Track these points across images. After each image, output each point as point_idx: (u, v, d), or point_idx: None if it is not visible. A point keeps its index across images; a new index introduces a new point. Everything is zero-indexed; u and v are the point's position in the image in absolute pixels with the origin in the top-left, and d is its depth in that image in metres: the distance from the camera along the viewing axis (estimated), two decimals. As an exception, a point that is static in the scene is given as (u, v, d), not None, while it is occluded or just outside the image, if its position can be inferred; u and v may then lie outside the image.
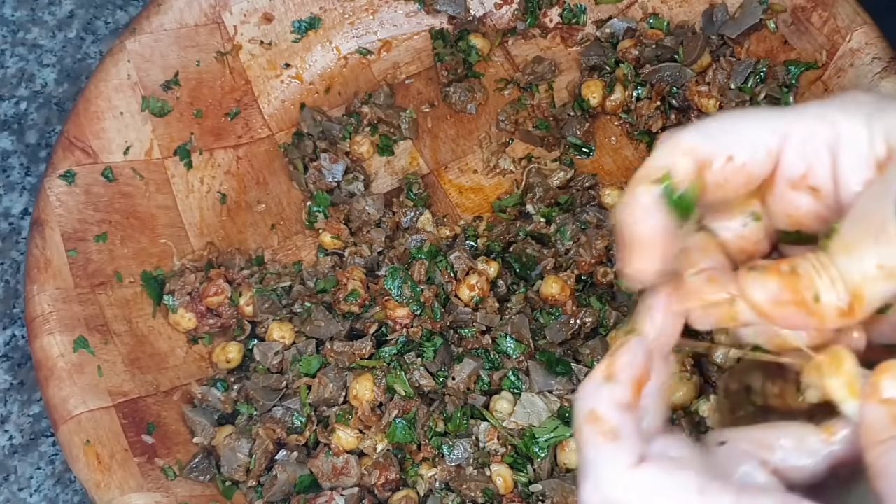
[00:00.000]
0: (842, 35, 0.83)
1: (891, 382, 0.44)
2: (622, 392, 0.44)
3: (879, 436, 0.43)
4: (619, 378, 0.45)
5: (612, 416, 0.44)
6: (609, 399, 0.44)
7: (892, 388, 0.44)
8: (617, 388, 0.44)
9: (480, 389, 0.77)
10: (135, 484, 0.72)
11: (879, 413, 0.43)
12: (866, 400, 0.44)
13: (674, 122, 0.89)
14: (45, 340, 0.76)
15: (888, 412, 0.43)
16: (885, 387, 0.44)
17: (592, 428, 0.44)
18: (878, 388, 0.44)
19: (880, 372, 0.44)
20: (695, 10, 0.91)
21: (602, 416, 0.44)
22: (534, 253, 0.82)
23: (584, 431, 0.44)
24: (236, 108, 0.91)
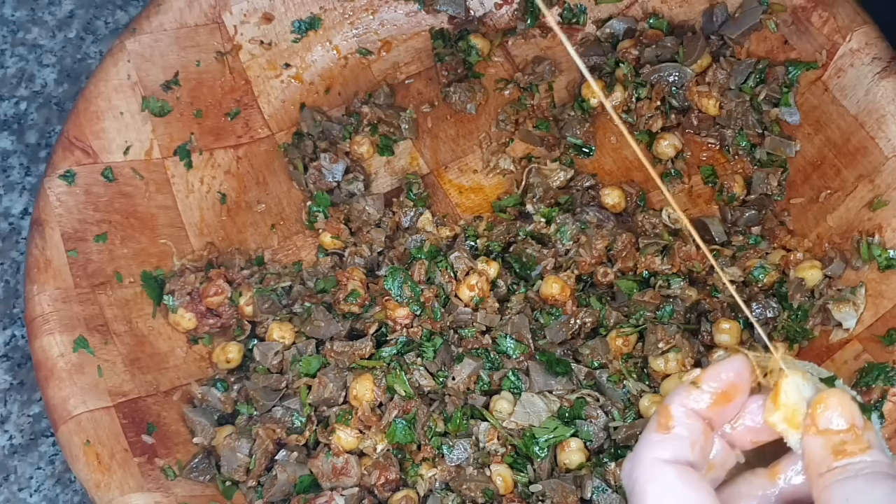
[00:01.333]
0: (842, 35, 0.83)
1: (825, 413, 0.45)
2: (697, 398, 0.46)
3: (819, 468, 0.44)
4: (702, 385, 0.47)
5: (677, 413, 0.46)
6: (682, 400, 0.46)
7: (827, 419, 0.45)
8: (694, 393, 0.46)
9: (480, 389, 0.77)
10: (135, 484, 0.72)
11: (817, 444, 0.45)
12: (805, 432, 0.45)
13: (674, 122, 0.89)
14: (45, 340, 0.76)
15: (825, 443, 0.44)
16: (821, 418, 0.45)
17: (657, 417, 0.46)
18: (814, 420, 0.45)
19: (816, 403, 0.45)
20: (695, 10, 0.91)
21: (669, 411, 0.46)
22: (534, 253, 0.82)
23: (652, 417, 0.47)
24: (236, 108, 0.91)
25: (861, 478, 0.43)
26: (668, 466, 0.44)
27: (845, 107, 0.82)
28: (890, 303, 0.76)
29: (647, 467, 0.45)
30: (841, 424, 0.45)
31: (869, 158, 0.80)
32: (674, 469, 0.44)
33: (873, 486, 0.42)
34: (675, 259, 0.81)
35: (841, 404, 0.45)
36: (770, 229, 0.84)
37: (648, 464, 0.45)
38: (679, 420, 0.46)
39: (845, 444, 0.44)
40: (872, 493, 0.42)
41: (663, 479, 0.44)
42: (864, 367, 0.74)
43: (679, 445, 0.45)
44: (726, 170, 0.88)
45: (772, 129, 0.86)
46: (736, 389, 0.47)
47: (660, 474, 0.44)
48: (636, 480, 0.45)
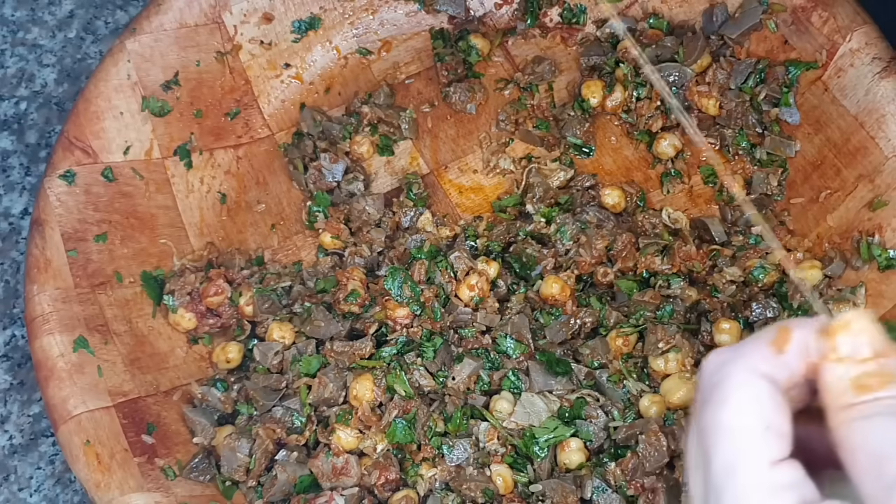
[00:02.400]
0: (842, 35, 0.83)
1: (848, 338, 0.43)
2: (819, 347, 0.43)
3: (839, 401, 0.42)
4: (833, 342, 0.43)
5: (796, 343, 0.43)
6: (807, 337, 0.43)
7: (850, 345, 0.43)
8: (821, 342, 0.43)
9: (480, 389, 0.77)
10: (135, 484, 0.72)
11: (837, 374, 0.42)
12: (824, 359, 0.43)
13: (673, 121, 0.89)
14: (45, 340, 0.76)
15: (845, 373, 0.42)
16: (843, 343, 0.43)
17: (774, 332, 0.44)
18: (835, 345, 0.43)
19: (838, 326, 0.43)
20: (695, 10, 0.91)
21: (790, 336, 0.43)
22: (534, 253, 0.82)
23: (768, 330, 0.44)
24: (236, 108, 0.91)
25: (882, 417, 0.41)
26: (766, 381, 0.42)
27: (845, 107, 0.82)
28: (890, 303, 0.76)
29: (746, 372, 0.42)
30: (864, 352, 0.42)
31: (869, 158, 0.80)
32: (770, 386, 0.42)
33: (894, 428, 0.40)
34: (675, 259, 0.81)
35: (865, 328, 0.43)
36: (770, 229, 0.84)
37: (748, 370, 0.42)
38: (794, 349, 0.43)
39: (869, 377, 0.41)
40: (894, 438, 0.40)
41: (757, 391, 0.42)
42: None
43: (780, 370, 0.43)
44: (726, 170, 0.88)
45: (772, 129, 0.86)
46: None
47: (756, 385, 0.42)
48: (727, 375, 0.42)
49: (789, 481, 0.41)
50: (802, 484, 0.41)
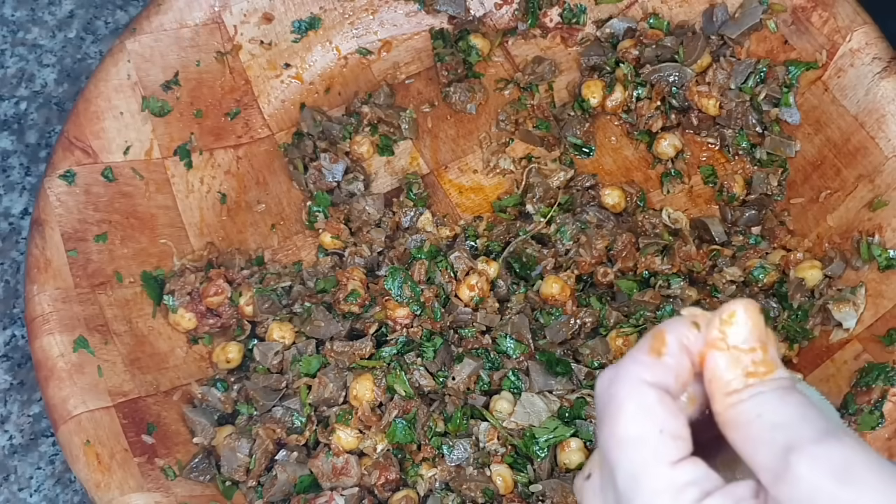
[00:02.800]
0: (842, 35, 0.83)
1: (736, 329, 0.44)
2: (694, 339, 0.44)
3: (727, 387, 0.43)
4: (702, 330, 0.44)
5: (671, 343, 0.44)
6: (680, 333, 0.44)
7: (738, 336, 0.44)
8: (693, 333, 0.45)
9: (480, 389, 0.77)
10: (135, 484, 0.72)
11: (724, 361, 0.44)
12: (711, 347, 0.44)
13: (674, 122, 0.89)
14: (45, 340, 0.76)
15: (733, 361, 0.43)
16: (732, 333, 0.44)
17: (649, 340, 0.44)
18: (724, 334, 0.44)
19: (728, 316, 0.44)
20: (695, 10, 0.91)
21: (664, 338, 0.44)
22: (534, 253, 0.82)
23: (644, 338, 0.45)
24: (236, 108, 0.91)
25: (770, 393, 0.43)
26: (652, 389, 0.43)
27: (845, 107, 0.82)
28: (890, 303, 0.76)
29: (631, 384, 0.43)
30: (752, 342, 0.43)
31: (869, 158, 0.80)
32: (656, 392, 0.43)
33: (785, 400, 0.42)
34: (675, 259, 0.81)
35: (752, 320, 0.44)
36: (770, 229, 0.84)
37: (632, 382, 0.43)
38: (671, 350, 0.44)
39: (756, 365, 0.43)
40: (785, 408, 0.42)
41: (645, 399, 0.43)
42: (864, 367, 0.74)
43: (665, 373, 0.44)
44: (726, 170, 0.88)
45: (772, 129, 0.86)
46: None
47: (642, 394, 0.43)
48: (615, 394, 0.43)
49: (691, 478, 0.42)
50: (704, 478, 0.42)
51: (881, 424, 0.71)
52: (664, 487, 0.42)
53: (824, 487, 0.39)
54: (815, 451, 0.40)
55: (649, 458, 0.42)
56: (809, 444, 0.40)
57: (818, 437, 0.40)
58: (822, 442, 0.40)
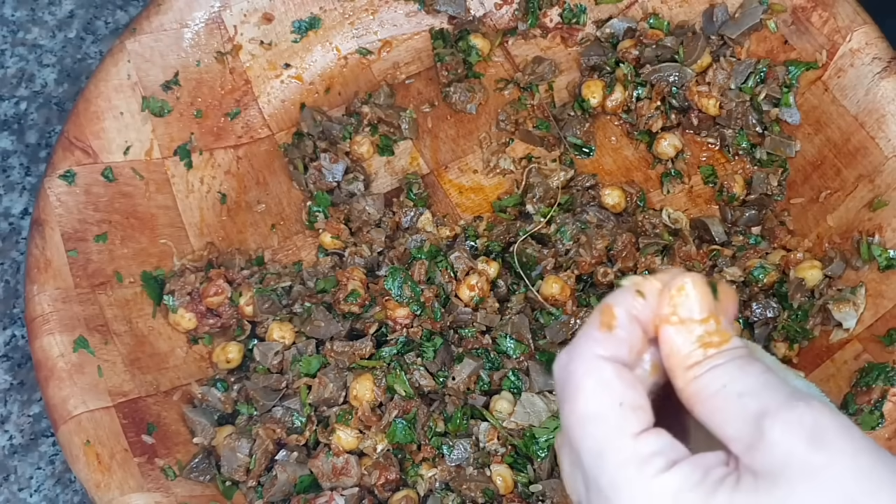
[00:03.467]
0: (842, 35, 0.83)
1: (686, 302, 0.44)
2: (641, 307, 0.45)
3: (686, 361, 0.44)
4: (647, 298, 0.45)
5: (620, 315, 0.44)
6: (627, 304, 0.45)
7: (688, 309, 0.44)
8: (639, 301, 0.45)
9: (480, 389, 0.77)
10: (135, 484, 0.72)
11: (680, 336, 0.44)
12: (664, 322, 0.44)
13: (674, 122, 0.89)
14: (45, 340, 0.76)
15: (688, 334, 0.44)
16: (682, 307, 0.44)
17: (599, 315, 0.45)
18: (675, 308, 0.44)
19: (677, 289, 0.44)
20: (695, 10, 0.91)
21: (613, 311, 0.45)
22: (534, 253, 0.82)
23: (594, 313, 0.45)
24: (236, 108, 0.91)
25: (730, 363, 0.43)
26: (607, 363, 0.44)
27: (845, 107, 0.82)
28: (890, 303, 0.76)
29: (586, 361, 0.44)
30: (703, 313, 0.44)
31: (869, 158, 0.80)
32: (612, 366, 0.43)
33: (746, 370, 0.42)
34: (675, 259, 0.81)
35: (700, 291, 0.44)
36: (770, 229, 0.84)
37: (588, 358, 0.44)
38: (621, 322, 0.44)
39: (711, 335, 0.43)
40: (749, 378, 0.42)
41: (601, 375, 0.43)
42: (865, 367, 0.74)
43: (619, 345, 0.44)
44: (726, 170, 0.88)
45: (772, 129, 0.86)
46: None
47: (598, 369, 0.43)
48: (572, 372, 0.44)
49: (655, 448, 0.42)
50: (669, 447, 0.42)
51: (881, 424, 0.71)
52: (628, 459, 0.42)
53: (797, 452, 0.39)
54: (787, 416, 0.40)
55: (611, 433, 0.42)
56: (781, 410, 0.40)
57: (788, 402, 0.40)
58: (793, 407, 0.40)
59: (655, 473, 0.41)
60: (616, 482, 0.42)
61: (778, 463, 0.39)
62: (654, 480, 0.41)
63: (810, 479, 0.39)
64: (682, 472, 0.41)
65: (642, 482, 0.41)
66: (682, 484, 0.41)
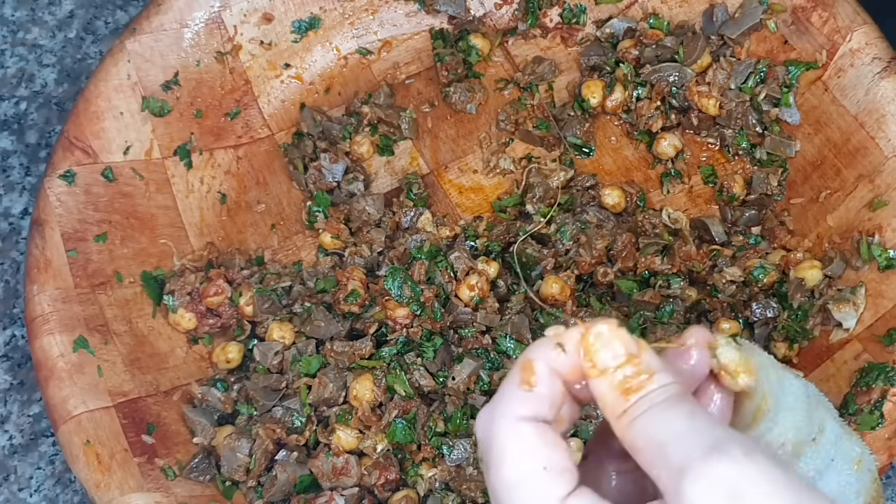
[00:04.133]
0: (842, 35, 0.83)
1: (600, 352, 0.43)
2: (563, 362, 0.44)
3: (615, 411, 0.43)
4: (567, 351, 0.44)
5: (540, 371, 0.44)
6: (548, 359, 0.44)
7: (603, 358, 0.43)
8: (561, 356, 0.44)
9: (480, 389, 0.77)
10: (134, 484, 0.72)
11: (604, 387, 0.43)
12: (587, 377, 0.43)
13: (674, 122, 0.89)
14: (45, 340, 0.76)
15: (610, 384, 0.43)
16: (598, 357, 0.43)
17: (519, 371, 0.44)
18: (592, 360, 0.43)
19: (587, 342, 0.43)
20: (695, 10, 0.91)
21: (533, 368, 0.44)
22: (534, 253, 0.82)
23: (513, 370, 0.44)
24: (236, 108, 0.91)
25: (654, 409, 0.42)
26: (529, 424, 0.43)
27: (845, 107, 0.82)
28: (890, 303, 0.76)
29: (508, 425, 0.43)
30: (619, 357, 0.43)
31: (869, 158, 0.80)
32: (533, 428, 0.43)
33: (669, 415, 0.41)
34: (675, 259, 0.81)
35: (610, 334, 0.43)
36: (770, 229, 0.84)
37: (508, 421, 0.43)
38: (542, 378, 0.43)
39: (629, 380, 0.42)
40: (672, 424, 0.41)
41: (522, 437, 0.42)
42: (864, 367, 0.74)
43: (540, 404, 0.43)
44: (726, 170, 0.88)
45: (772, 129, 0.86)
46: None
47: (520, 432, 0.42)
48: (495, 435, 0.43)
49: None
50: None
51: (881, 424, 0.71)
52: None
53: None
54: (702, 471, 0.39)
55: (537, 500, 0.42)
56: (697, 463, 0.39)
57: (704, 455, 0.39)
58: (708, 460, 0.39)
59: None
60: None
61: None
62: None
63: None
64: None
65: None
66: None
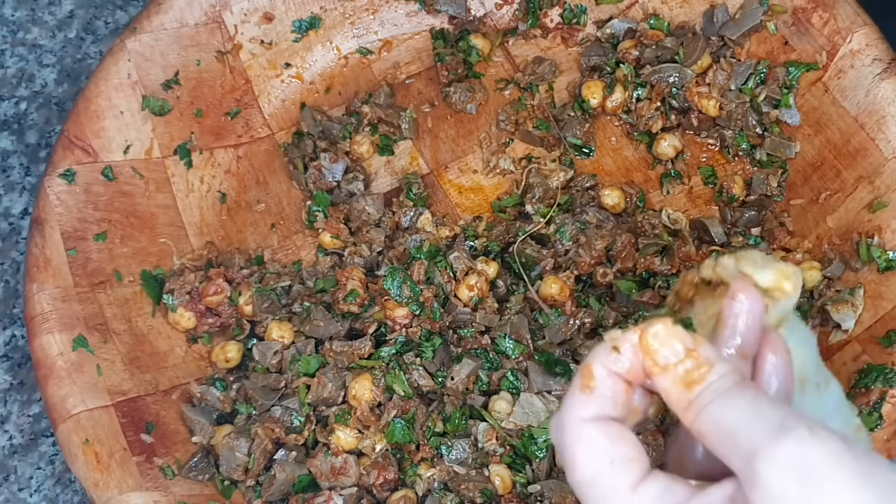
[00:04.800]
0: (842, 36, 0.83)
1: (660, 350, 0.46)
2: (617, 361, 0.46)
3: (681, 405, 0.45)
4: (622, 352, 0.46)
5: (599, 374, 0.46)
6: (604, 361, 0.46)
7: (664, 355, 0.46)
8: (614, 356, 0.47)
9: (479, 389, 0.77)
10: (133, 483, 0.72)
11: (668, 383, 0.45)
12: (651, 376, 0.46)
13: (673, 122, 0.89)
14: (45, 339, 0.76)
15: (674, 380, 0.45)
16: (658, 356, 0.45)
17: (580, 377, 0.46)
18: (654, 359, 0.46)
19: (644, 344, 0.46)
20: (695, 11, 0.91)
21: (591, 371, 0.47)
22: (533, 253, 0.82)
23: (575, 377, 0.47)
24: (236, 108, 0.91)
25: (718, 400, 0.44)
26: (592, 425, 0.45)
27: (845, 108, 0.82)
28: (889, 304, 0.76)
29: (573, 428, 0.46)
30: (679, 353, 0.45)
31: (869, 160, 0.80)
32: (597, 426, 0.45)
33: (733, 403, 0.43)
34: (675, 259, 0.81)
35: (667, 332, 0.46)
36: (770, 230, 0.84)
37: (574, 424, 0.46)
38: (601, 380, 0.46)
39: (691, 373, 0.45)
40: (737, 410, 0.43)
41: (590, 438, 0.45)
42: (863, 368, 0.74)
43: (602, 404, 0.46)
44: (726, 171, 0.88)
45: (772, 130, 0.86)
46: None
47: (586, 434, 0.45)
48: (564, 442, 0.46)
49: (654, 496, 0.43)
50: (668, 491, 0.44)
51: (880, 426, 0.71)
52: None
53: (789, 493, 0.40)
54: (773, 453, 0.40)
55: (609, 493, 0.44)
56: (769, 447, 0.41)
57: (772, 437, 0.41)
58: (778, 442, 0.40)
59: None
60: None
61: (771, 502, 0.40)
62: None
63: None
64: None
65: None
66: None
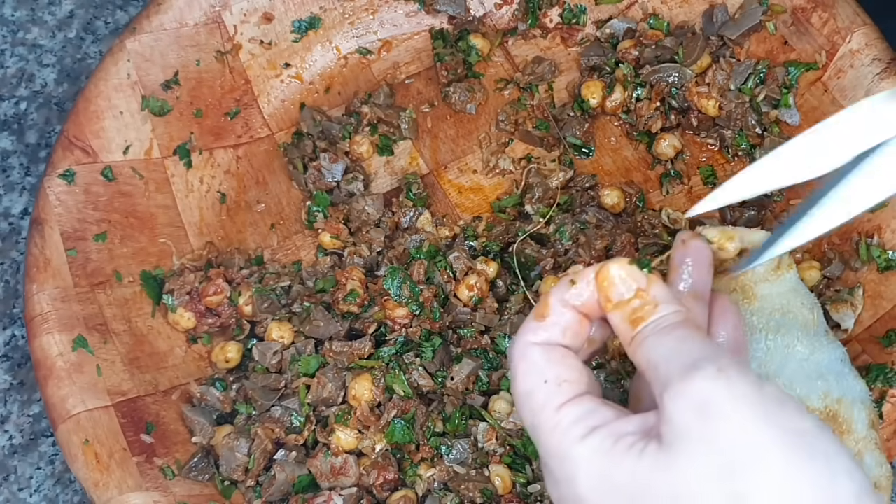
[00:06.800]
0: (842, 36, 0.83)
1: (611, 287, 0.50)
2: (573, 295, 0.51)
3: (626, 340, 0.49)
4: (578, 285, 0.51)
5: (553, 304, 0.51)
6: (560, 294, 0.52)
7: (616, 292, 0.50)
8: (571, 290, 0.52)
9: (479, 389, 0.77)
10: (133, 483, 0.72)
11: (617, 319, 0.50)
12: (605, 310, 0.51)
13: (673, 122, 0.89)
14: (44, 339, 0.76)
15: (623, 316, 0.50)
16: (610, 292, 0.50)
17: (537, 306, 0.52)
18: (606, 296, 0.50)
19: (600, 279, 0.51)
20: (695, 11, 0.91)
21: (547, 301, 0.52)
22: (533, 253, 0.82)
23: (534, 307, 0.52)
24: (236, 108, 0.91)
25: (651, 337, 0.48)
26: (537, 348, 0.50)
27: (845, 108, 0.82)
28: (889, 304, 0.76)
29: (520, 348, 0.51)
30: (631, 291, 0.50)
31: (868, 159, 0.80)
32: (541, 350, 0.50)
33: (664, 339, 0.47)
34: (675, 259, 0.81)
35: (621, 271, 0.50)
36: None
37: (521, 345, 0.51)
38: (554, 310, 0.51)
39: (637, 312, 0.49)
40: (665, 346, 0.47)
41: (530, 358, 0.50)
42: (863, 367, 0.74)
43: (550, 331, 0.51)
44: (726, 170, 0.88)
45: (772, 130, 0.86)
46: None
47: (528, 354, 0.50)
48: (512, 360, 0.51)
49: (576, 415, 0.47)
50: (591, 413, 0.47)
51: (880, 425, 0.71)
52: (552, 428, 0.48)
53: (691, 426, 0.43)
54: (681, 388, 0.44)
55: (538, 407, 0.49)
56: (675, 382, 0.44)
57: (684, 373, 0.44)
58: (686, 378, 0.44)
59: (574, 441, 0.46)
60: (548, 449, 0.48)
61: (674, 434, 0.43)
62: (573, 447, 0.46)
63: (698, 450, 0.43)
64: (597, 439, 0.46)
65: (564, 448, 0.47)
66: (596, 450, 0.46)
